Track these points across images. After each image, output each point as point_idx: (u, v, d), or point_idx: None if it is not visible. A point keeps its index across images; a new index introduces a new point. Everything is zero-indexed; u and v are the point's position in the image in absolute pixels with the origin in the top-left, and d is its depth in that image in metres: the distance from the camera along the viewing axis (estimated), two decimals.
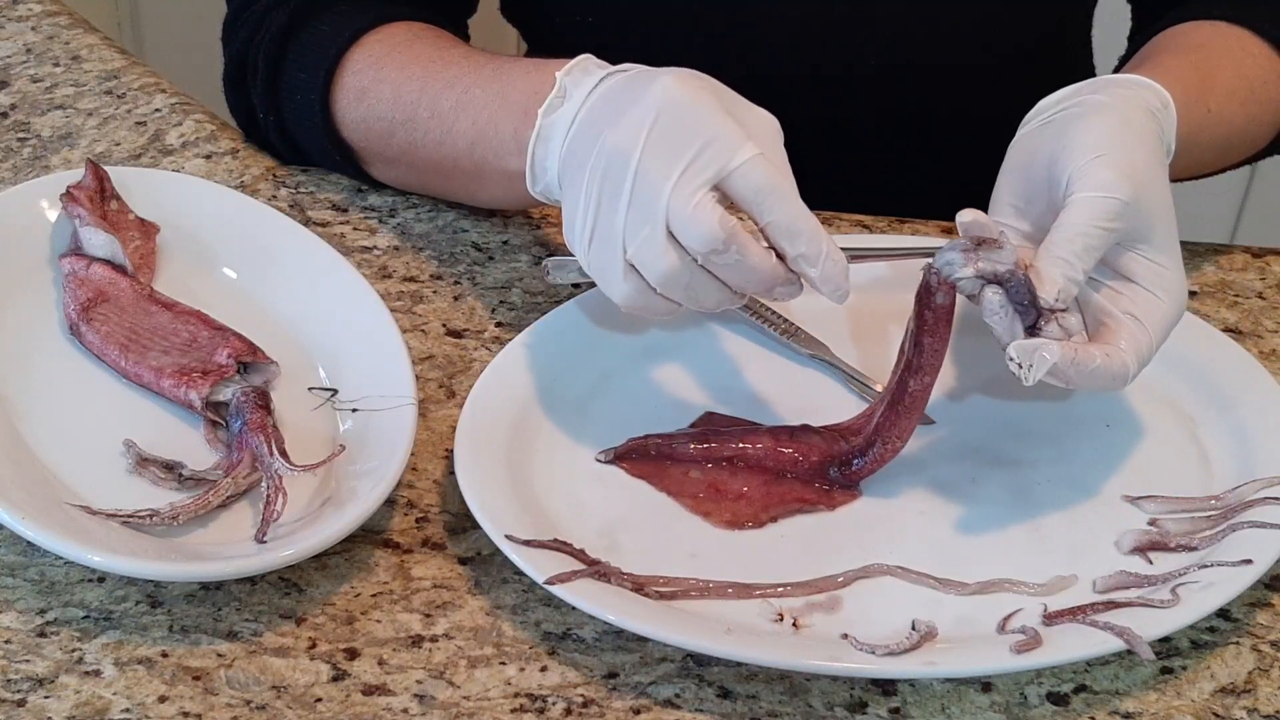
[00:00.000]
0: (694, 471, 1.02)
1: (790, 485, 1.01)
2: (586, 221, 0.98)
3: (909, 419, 0.99)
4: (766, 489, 1.01)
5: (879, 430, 1.00)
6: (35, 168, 1.24)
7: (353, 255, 1.15)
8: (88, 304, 1.08)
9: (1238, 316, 1.14)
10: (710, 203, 0.95)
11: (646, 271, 0.97)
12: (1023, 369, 0.93)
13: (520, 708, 0.90)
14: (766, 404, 1.07)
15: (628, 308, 0.99)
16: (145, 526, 0.96)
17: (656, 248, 0.95)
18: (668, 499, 1.00)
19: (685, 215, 0.94)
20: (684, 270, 0.96)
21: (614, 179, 0.97)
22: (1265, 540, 0.95)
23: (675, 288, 0.97)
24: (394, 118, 1.16)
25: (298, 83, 1.20)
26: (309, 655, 0.93)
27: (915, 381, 0.98)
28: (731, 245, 0.95)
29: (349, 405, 1.04)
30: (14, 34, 1.39)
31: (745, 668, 0.92)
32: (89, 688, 0.91)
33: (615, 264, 0.97)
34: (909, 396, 0.98)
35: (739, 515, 0.99)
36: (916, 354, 0.97)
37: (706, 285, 0.97)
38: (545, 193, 1.05)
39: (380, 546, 0.99)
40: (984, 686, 0.92)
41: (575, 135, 1.01)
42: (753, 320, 1.11)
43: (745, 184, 0.95)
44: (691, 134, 0.95)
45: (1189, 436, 1.05)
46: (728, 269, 0.96)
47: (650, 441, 1.03)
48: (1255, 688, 0.92)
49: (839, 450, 1.01)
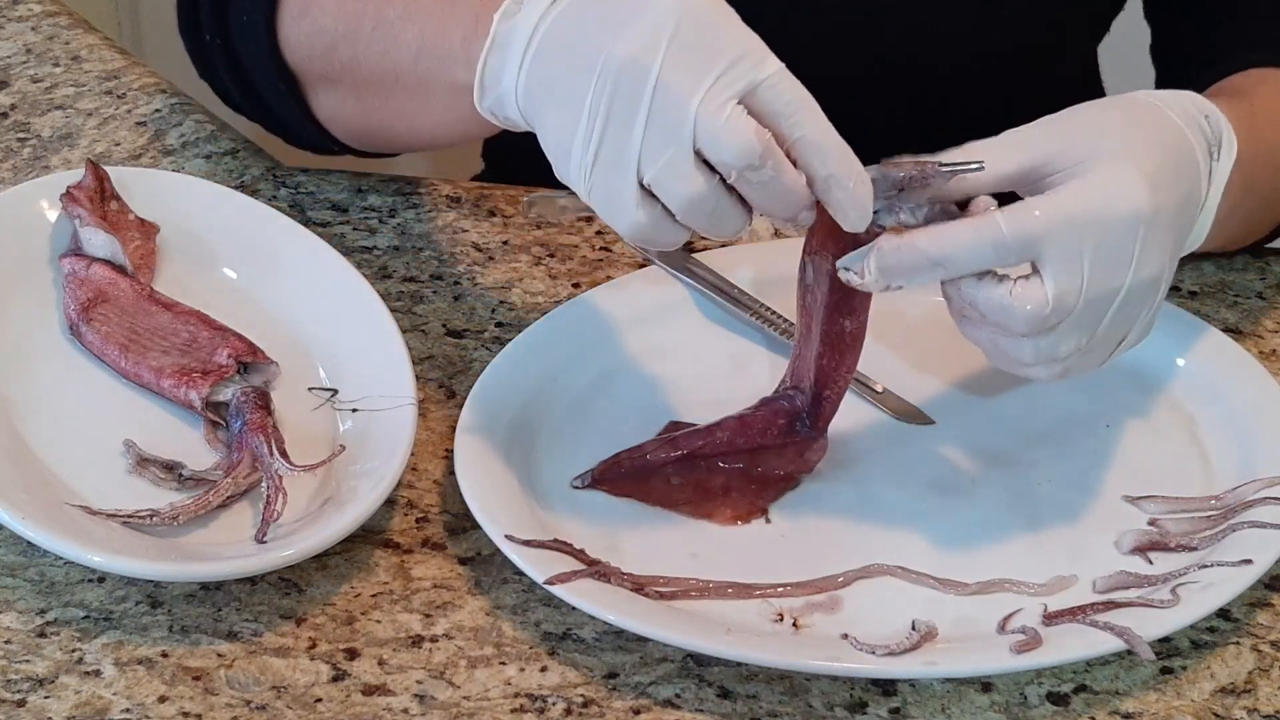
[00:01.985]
0: (674, 478, 1.01)
1: (766, 458, 1.00)
2: (588, 145, 0.90)
3: (853, 355, 0.98)
4: (747, 473, 1.00)
5: (825, 375, 0.98)
6: (35, 168, 1.24)
7: (353, 255, 1.15)
8: (88, 304, 1.07)
9: (1238, 317, 1.14)
10: (743, 114, 0.88)
11: (668, 196, 0.89)
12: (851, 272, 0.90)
13: (520, 708, 0.90)
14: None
15: (635, 238, 0.92)
16: (145, 527, 0.96)
17: (684, 169, 0.88)
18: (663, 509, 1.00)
19: (719, 128, 0.87)
20: (710, 194, 0.89)
21: (627, 94, 0.88)
22: (1265, 540, 0.95)
23: (699, 214, 0.90)
24: (336, 30, 1.09)
25: (244, 3, 1.14)
26: (309, 655, 0.93)
27: (851, 322, 0.96)
28: (768, 160, 0.88)
29: (349, 405, 1.04)
30: (14, 34, 1.39)
31: (745, 668, 0.92)
32: (89, 688, 0.90)
33: (626, 190, 0.90)
34: (848, 336, 0.97)
35: (738, 508, 0.99)
36: (845, 296, 0.95)
37: (730, 210, 0.90)
38: (495, 108, 0.96)
39: (380, 546, 0.99)
40: (984, 686, 0.92)
41: (546, 44, 0.92)
42: (753, 320, 1.11)
43: (775, 96, 0.88)
44: (719, 43, 0.88)
45: (1189, 436, 1.05)
46: (759, 188, 0.89)
47: (621, 459, 1.01)
48: (1255, 688, 0.92)
49: (798, 405, 1.00)
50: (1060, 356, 0.93)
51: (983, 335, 0.94)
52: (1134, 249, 0.92)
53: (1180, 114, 0.97)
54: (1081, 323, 0.92)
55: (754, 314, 1.12)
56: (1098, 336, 0.93)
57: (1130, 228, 0.91)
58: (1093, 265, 0.91)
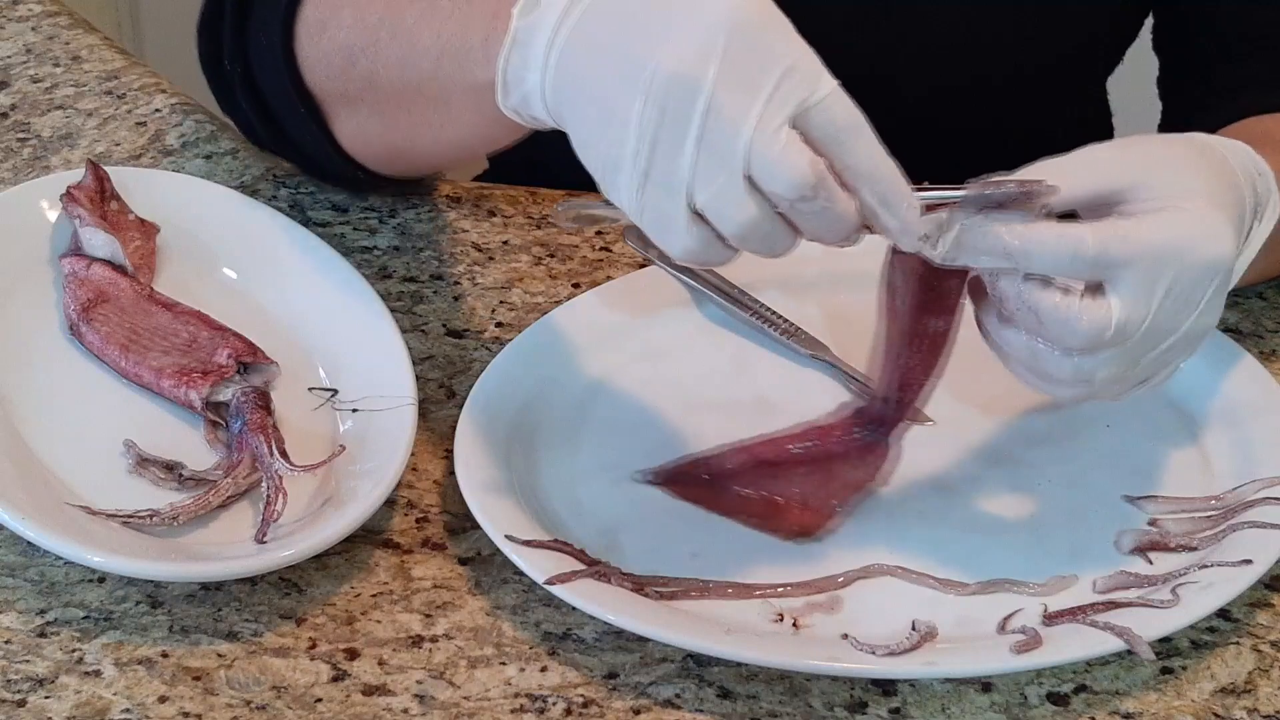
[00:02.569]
0: (745, 488, 0.99)
1: (841, 467, 0.98)
2: (636, 163, 0.86)
3: (938, 357, 0.95)
4: (821, 482, 0.98)
5: (909, 378, 0.96)
6: (35, 168, 1.24)
7: (353, 255, 1.15)
8: (88, 304, 1.08)
9: (1238, 317, 1.14)
10: (798, 142, 0.84)
11: (721, 223, 0.86)
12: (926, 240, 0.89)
13: (520, 708, 0.90)
14: (767, 404, 1.07)
15: (687, 260, 0.89)
16: (145, 527, 0.97)
17: (735, 197, 0.85)
18: (667, 499, 1.00)
19: (772, 158, 0.84)
20: (764, 221, 0.86)
21: (677, 114, 0.85)
22: (1265, 540, 0.95)
23: (752, 239, 0.87)
24: (354, 44, 1.06)
25: (263, 22, 1.11)
26: (309, 655, 0.93)
27: (940, 322, 0.94)
28: (820, 192, 0.85)
29: (349, 405, 1.04)
30: (14, 34, 1.39)
31: (745, 668, 0.92)
32: (89, 688, 0.91)
33: (677, 214, 0.86)
34: (936, 336, 0.94)
35: (805, 520, 0.98)
36: (936, 295, 0.93)
37: (782, 233, 0.87)
38: (520, 107, 0.93)
39: (380, 547, 0.99)
40: (984, 687, 0.92)
41: (575, 43, 0.89)
42: (753, 320, 1.11)
43: (827, 119, 0.85)
44: (770, 60, 0.84)
45: (1189, 436, 1.05)
46: (810, 217, 0.86)
47: (698, 463, 1.00)
48: (1255, 688, 0.92)
49: (876, 411, 0.98)
50: (1093, 380, 0.92)
51: (1019, 342, 0.92)
52: (1205, 294, 0.91)
53: (1239, 166, 0.96)
54: (1130, 354, 0.91)
55: (754, 314, 1.12)
56: (1135, 371, 0.92)
57: (1209, 274, 0.91)
58: (1163, 301, 0.90)
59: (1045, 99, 1.32)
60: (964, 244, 0.89)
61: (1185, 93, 1.26)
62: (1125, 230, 0.89)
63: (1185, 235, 0.90)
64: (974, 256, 0.89)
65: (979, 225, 0.89)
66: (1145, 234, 0.89)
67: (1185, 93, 1.26)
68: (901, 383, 0.96)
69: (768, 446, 1.00)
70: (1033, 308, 0.90)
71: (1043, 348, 0.92)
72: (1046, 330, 0.90)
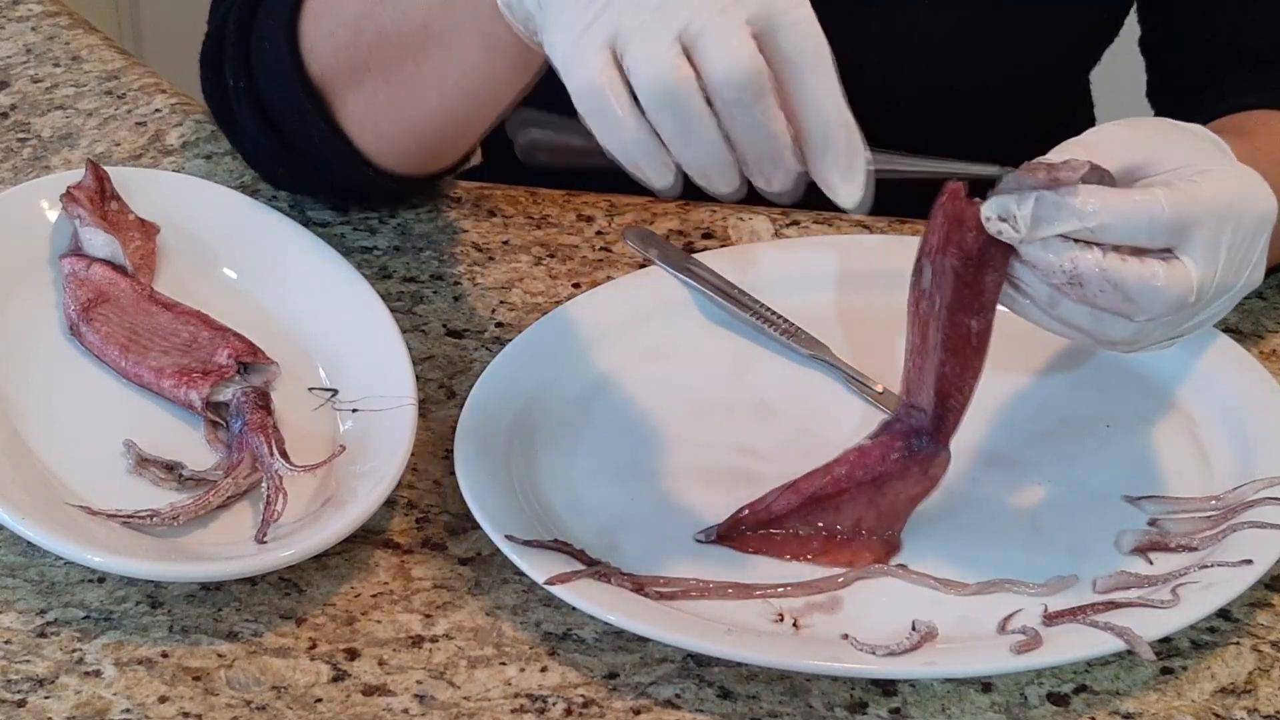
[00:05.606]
0: (801, 528, 0.98)
1: (891, 486, 0.97)
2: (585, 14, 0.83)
3: (979, 358, 0.94)
4: (875, 505, 0.97)
5: (949, 383, 0.94)
6: (35, 168, 1.24)
7: (353, 255, 1.15)
8: (88, 304, 1.08)
9: (1238, 317, 1.14)
10: (749, 39, 0.81)
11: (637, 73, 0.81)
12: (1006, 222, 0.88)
13: (520, 708, 0.90)
14: (767, 405, 1.07)
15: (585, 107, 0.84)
16: (145, 527, 0.97)
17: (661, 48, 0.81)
18: (667, 499, 1.00)
19: (715, 34, 0.80)
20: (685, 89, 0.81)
21: None
22: (1265, 540, 0.95)
23: (665, 108, 0.82)
24: (359, 12, 1.08)
25: (265, 30, 1.12)
26: (309, 655, 0.93)
27: (977, 321, 0.93)
28: (760, 99, 0.82)
29: (349, 406, 1.04)
30: (14, 34, 1.39)
31: (745, 668, 0.92)
32: (89, 688, 0.91)
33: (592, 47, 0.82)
34: (974, 337, 0.93)
35: (875, 549, 0.97)
36: (972, 293, 0.92)
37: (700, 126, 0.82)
38: (526, 21, 0.91)
39: (380, 547, 0.99)
40: (984, 687, 0.92)
41: None
42: (753, 320, 1.11)
43: (793, 39, 0.82)
44: None
45: (1189, 437, 1.05)
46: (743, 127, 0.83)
47: (744, 516, 0.98)
48: (1255, 688, 0.92)
49: (915, 423, 0.96)
50: (1150, 341, 0.93)
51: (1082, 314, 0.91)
52: (1257, 250, 0.93)
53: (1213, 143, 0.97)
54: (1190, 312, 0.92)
55: (754, 314, 1.12)
56: (1183, 327, 0.94)
57: (1261, 227, 0.93)
58: (1227, 259, 0.91)
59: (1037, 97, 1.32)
60: (1042, 216, 0.89)
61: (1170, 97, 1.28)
62: (1190, 191, 0.90)
63: (1237, 193, 0.92)
64: (1056, 227, 0.89)
65: (1054, 199, 0.89)
66: (1207, 194, 0.90)
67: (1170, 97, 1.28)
68: (939, 389, 0.95)
69: (815, 481, 0.98)
70: (1117, 282, 0.89)
71: (1109, 316, 0.91)
72: (1134, 303, 0.90)
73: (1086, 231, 0.89)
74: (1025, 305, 0.93)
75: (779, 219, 1.22)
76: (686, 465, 1.03)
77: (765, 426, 1.06)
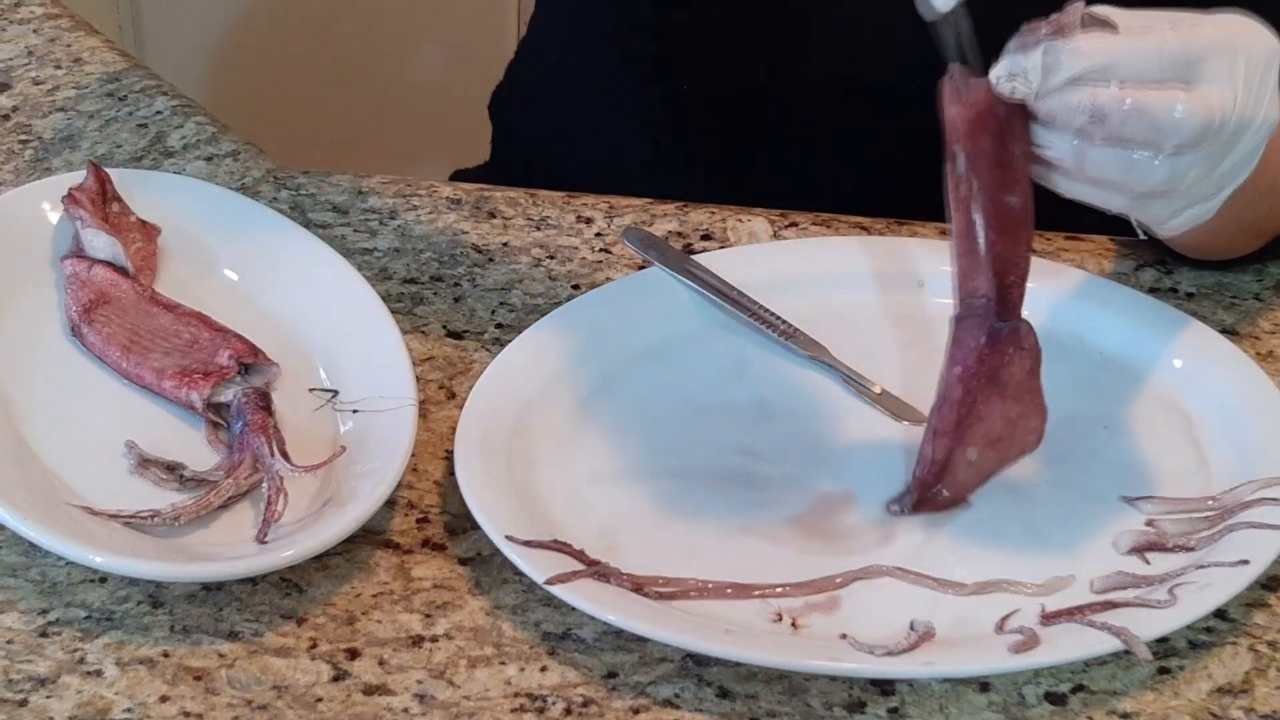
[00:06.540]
0: (969, 457, 0.99)
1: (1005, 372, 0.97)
2: None
3: (1026, 231, 0.94)
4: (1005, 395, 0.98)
5: (1004, 261, 0.95)
6: (37, 170, 1.25)
7: (353, 257, 1.16)
8: (89, 305, 1.08)
9: (1235, 318, 1.15)
10: None
11: None
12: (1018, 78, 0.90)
13: (520, 708, 0.90)
14: (766, 405, 1.07)
15: None
16: (147, 527, 0.97)
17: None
18: (667, 499, 1.00)
19: None
20: None
21: None
22: (1262, 541, 0.95)
23: None
24: None
25: None
26: (310, 655, 0.93)
27: (1016, 197, 0.93)
28: None
29: (349, 406, 1.04)
30: (16, 36, 1.39)
31: (744, 668, 0.92)
32: (90, 688, 0.91)
33: None
34: (1018, 213, 0.94)
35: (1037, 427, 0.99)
36: (1007, 170, 0.92)
37: None
38: None
39: (381, 547, 0.99)
40: (982, 686, 0.92)
41: None
42: (752, 321, 1.12)
43: None
44: None
45: (1186, 437, 1.05)
46: None
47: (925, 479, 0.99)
48: (1252, 688, 0.92)
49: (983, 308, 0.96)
50: (1184, 182, 0.93)
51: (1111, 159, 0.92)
52: (1270, 83, 0.94)
53: None
54: (1219, 151, 0.93)
55: (753, 315, 1.12)
56: (1216, 173, 0.95)
57: (1271, 62, 0.94)
58: (1245, 87, 0.93)
59: None
60: (1052, 65, 0.90)
61: None
62: (1194, 28, 0.92)
63: (1240, 30, 0.94)
64: (1070, 72, 0.90)
65: (1061, 44, 0.90)
66: (1211, 29, 0.93)
67: None
68: (996, 269, 0.95)
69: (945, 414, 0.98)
70: (1140, 107, 0.91)
71: (1138, 157, 0.92)
72: (1155, 130, 0.91)
73: (1098, 71, 0.90)
74: (1054, 176, 0.94)
75: (777, 220, 1.22)
76: (686, 465, 1.03)
77: (765, 427, 1.06)
